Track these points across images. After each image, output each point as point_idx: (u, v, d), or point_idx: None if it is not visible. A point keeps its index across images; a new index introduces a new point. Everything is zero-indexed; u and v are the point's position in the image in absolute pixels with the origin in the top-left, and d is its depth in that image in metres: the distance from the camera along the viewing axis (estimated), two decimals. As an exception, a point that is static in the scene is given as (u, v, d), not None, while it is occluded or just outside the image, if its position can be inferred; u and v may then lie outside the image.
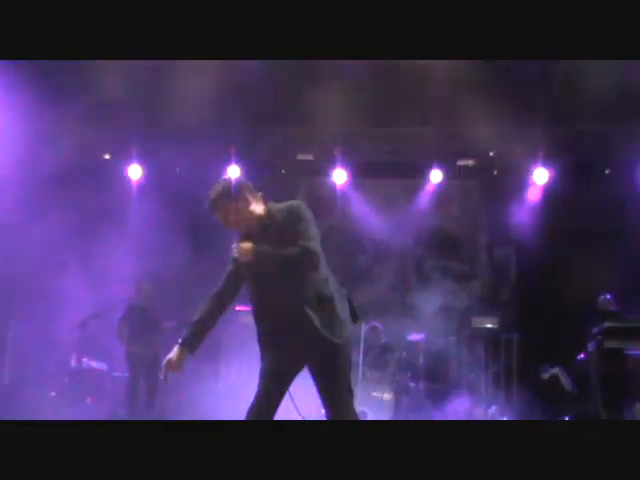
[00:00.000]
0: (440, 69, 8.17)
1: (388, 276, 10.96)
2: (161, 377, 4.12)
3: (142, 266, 9.56)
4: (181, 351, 4.08)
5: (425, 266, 10.84)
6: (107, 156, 10.66)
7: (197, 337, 4.14)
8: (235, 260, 4.07)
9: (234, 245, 4.05)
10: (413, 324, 10.01)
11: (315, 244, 4.01)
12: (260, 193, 4.25)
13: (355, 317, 4.16)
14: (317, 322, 3.93)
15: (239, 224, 4.11)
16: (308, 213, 4.09)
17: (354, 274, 10.72)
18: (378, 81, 8.93)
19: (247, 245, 3.99)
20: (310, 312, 3.92)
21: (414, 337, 9.69)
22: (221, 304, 4.19)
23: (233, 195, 4.05)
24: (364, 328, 9.04)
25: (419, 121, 9.58)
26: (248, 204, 4.12)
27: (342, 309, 4.08)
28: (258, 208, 4.15)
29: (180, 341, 4.12)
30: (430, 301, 10.16)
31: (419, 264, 10.91)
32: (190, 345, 4.12)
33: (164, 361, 4.08)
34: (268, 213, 4.14)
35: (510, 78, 8.35)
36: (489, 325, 9.80)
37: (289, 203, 4.14)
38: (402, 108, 9.27)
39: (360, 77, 8.74)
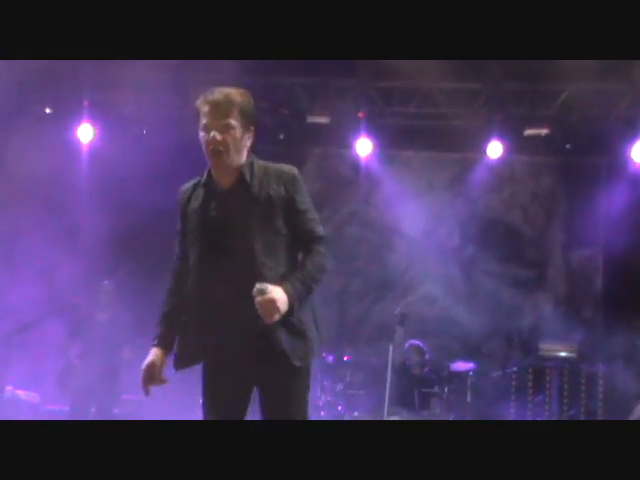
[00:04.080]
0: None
1: (426, 284, 10.46)
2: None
3: (94, 259, 9.38)
4: (160, 353, 4.03)
5: (476, 271, 10.49)
6: (48, 110, 10.16)
7: (170, 333, 4.06)
8: (188, 217, 3.99)
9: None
10: (459, 349, 9.80)
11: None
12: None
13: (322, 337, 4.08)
14: (282, 337, 3.82)
15: (226, 153, 3.88)
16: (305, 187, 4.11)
17: (381, 279, 10.44)
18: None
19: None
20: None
21: (460, 367, 9.36)
22: (183, 288, 4.02)
23: (251, 112, 3.90)
24: (400, 348, 8.81)
25: (471, 73, 9.18)
26: (247, 136, 3.95)
27: (315, 323, 4.01)
28: (243, 156, 4.00)
29: (154, 341, 4.06)
30: (482, 318, 9.87)
31: (468, 268, 10.55)
32: (167, 344, 4.05)
33: (143, 370, 4.03)
34: (251, 165, 3.99)
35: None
36: (564, 353, 9.51)
37: (280, 165, 4.04)
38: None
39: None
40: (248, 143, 4.00)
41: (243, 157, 3.98)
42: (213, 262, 3.95)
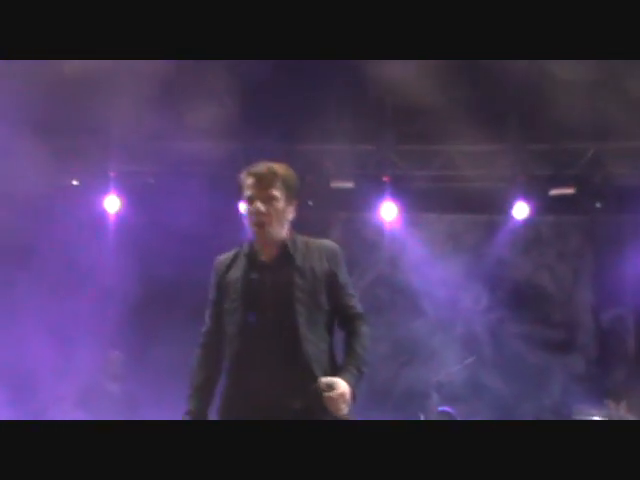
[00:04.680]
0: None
1: (454, 347, 10.14)
2: None
3: (114, 329, 9.26)
4: None
5: (504, 333, 10.27)
6: (75, 182, 10.17)
7: (203, 408, 4.00)
8: (226, 286, 3.97)
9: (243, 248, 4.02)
10: (491, 414, 9.40)
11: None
12: None
13: None
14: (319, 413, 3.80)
15: (269, 224, 3.88)
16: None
17: (408, 343, 10.23)
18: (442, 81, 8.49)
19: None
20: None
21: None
22: (215, 360, 4.02)
23: (294, 185, 3.97)
24: (431, 415, 8.64)
25: (497, 135, 9.32)
26: (290, 209, 3.97)
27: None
28: (285, 228, 4.01)
29: (186, 416, 3.98)
30: (512, 382, 9.75)
31: (496, 331, 10.32)
32: (198, 418, 4.00)
33: None
34: (294, 239, 3.99)
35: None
36: (597, 418, 8.95)
37: (321, 240, 4.12)
38: (472, 118, 8.79)
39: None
40: (290, 216, 4.00)
41: (285, 230, 3.98)
42: (255, 334, 3.92)
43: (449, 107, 8.84)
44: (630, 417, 8.85)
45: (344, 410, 3.78)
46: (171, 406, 4.18)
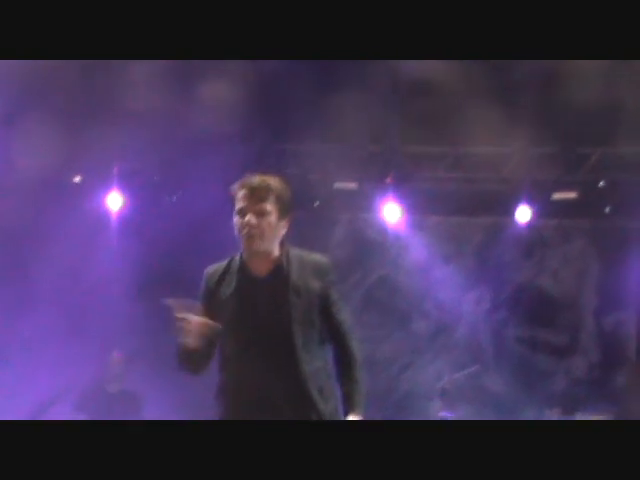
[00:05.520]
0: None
1: (457, 350, 10.29)
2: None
3: (118, 331, 9.25)
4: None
5: (507, 336, 10.31)
6: (77, 179, 10.04)
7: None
8: (218, 303, 3.88)
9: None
10: (492, 417, 9.36)
11: None
12: None
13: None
14: (323, 412, 3.86)
15: (260, 238, 3.83)
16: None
17: (410, 345, 10.29)
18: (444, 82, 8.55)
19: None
20: (315, 400, 3.85)
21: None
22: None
23: (288, 200, 3.91)
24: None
25: (499, 138, 9.23)
26: (282, 224, 3.91)
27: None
28: (277, 244, 3.96)
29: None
30: (514, 385, 9.86)
31: (499, 334, 10.35)
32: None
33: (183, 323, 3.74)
34: (287, 254, 3.93)
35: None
36: None
37: (314, 255, 4.03)
38: (475, 119, 8.80)
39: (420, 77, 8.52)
40: (283, 231, 3.94)
41: (277, 245, 3.93)
42: (252, 355, 3.88)
43: (455, 109, 8.83)
44: None
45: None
46: (174, 406, 4.15)
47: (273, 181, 3.93)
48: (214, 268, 3.95)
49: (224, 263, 3.95)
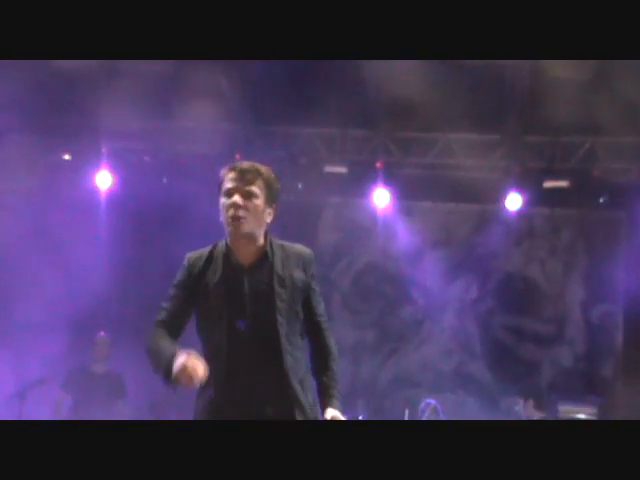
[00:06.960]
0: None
1: (442, 336, 10.38)
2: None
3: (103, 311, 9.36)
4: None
5: (493, 325, 10.37)
6: (67, 156, 10.06)
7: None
8: (203, 288, 3.86)
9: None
10: (476, 406, 9.74)
11: None
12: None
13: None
14: (304, 404, 3.87)
15: (245, 220, 3.81)
16: None
17: (396, 331, 10.34)
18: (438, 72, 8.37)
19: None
20: (297, 392, 3.85)
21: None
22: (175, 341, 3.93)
23: (275, 189, 3.92)
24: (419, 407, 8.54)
25: (490, 124, 9.23)
26: (268, 211, 3.91)
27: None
28: (262, 230, 3.95)
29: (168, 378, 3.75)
30: (499, 374, 9.95)
31: (485, 322, 10.41)
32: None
33: (177, 367, 3.63)
34: (271, 244, 3.95)
35: None
36: (583, 415, 9.03)
37: (295, 245, 4.03)
38: (465, 105, 8.75)
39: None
40: (269, 219, 3.95)
41: (262, 232, 3.93)
42: (241, 342, 3.89)
43: (446, 96, 8.69)
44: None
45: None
46: (159, 387, 4.10)
47: (262, 167, 3.95)
48: (197, 255, 3.94)
49: (206, 250, 3.93)
